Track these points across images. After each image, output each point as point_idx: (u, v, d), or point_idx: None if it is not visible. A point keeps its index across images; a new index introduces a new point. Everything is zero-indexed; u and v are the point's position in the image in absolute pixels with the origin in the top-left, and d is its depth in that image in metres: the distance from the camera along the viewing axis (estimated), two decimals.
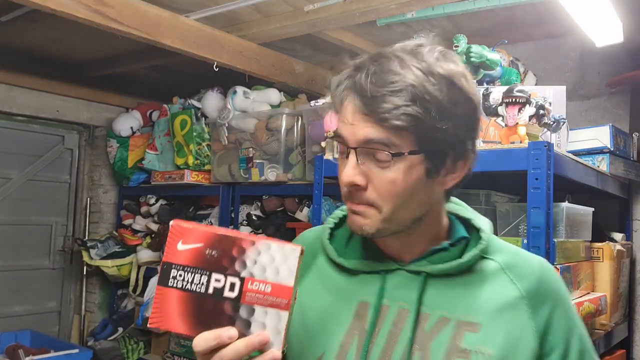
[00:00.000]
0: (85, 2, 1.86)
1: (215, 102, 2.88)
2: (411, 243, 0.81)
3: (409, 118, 0.70)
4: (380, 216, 0.75)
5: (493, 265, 0.80)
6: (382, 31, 2.42)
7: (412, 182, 0.74)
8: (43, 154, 3.43)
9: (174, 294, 0.66)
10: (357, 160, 0.74)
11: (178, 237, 0.67)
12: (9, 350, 2.81)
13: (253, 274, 0.65)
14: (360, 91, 0.72)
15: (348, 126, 0.74)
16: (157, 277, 0.67)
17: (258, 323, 0.64)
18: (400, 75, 0.71)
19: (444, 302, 0.77)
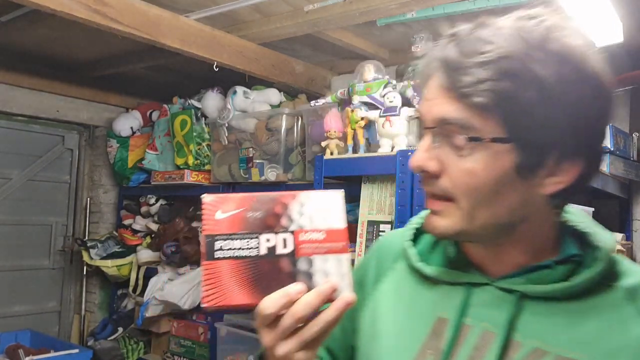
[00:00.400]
0: (85, 2, 1.86)
1: (215, 102, 2.88)
2: (501, 253, 0.67)
3: (496, 96, 0.57)
4: (460, 213, 0.63)
5: (614, 293, 0.62)
6: (382, 31, 2.42)
7: (495, 176, 0.60)
8: (43, 154, 3.43)
9: (224, 265, 0.62)
10: (432, 142, 0.63)
11: (215, 208, 0.63)
12: (9, 350, 2.81)
13: (302, 226, 0.63)
14: (446, 62, 0.61)
15: (426, 102, 0.64)
16: (201, 254, 0.63)
17: (320, 272, 0.62)
18: (495, 44, 0.58)
19: (542, 330, 0.62)
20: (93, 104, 3.53)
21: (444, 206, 0.64)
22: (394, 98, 1.89)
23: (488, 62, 0.57)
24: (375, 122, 1.93)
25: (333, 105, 2.20)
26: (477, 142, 0.59)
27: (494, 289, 0.67)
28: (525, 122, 0.58)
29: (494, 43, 0.58)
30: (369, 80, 2.02)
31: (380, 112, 1.90)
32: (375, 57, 2.57)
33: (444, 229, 0.65)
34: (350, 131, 1.99)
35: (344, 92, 2.13)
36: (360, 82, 2.04)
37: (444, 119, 0.61)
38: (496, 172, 0.60)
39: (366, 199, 1.97)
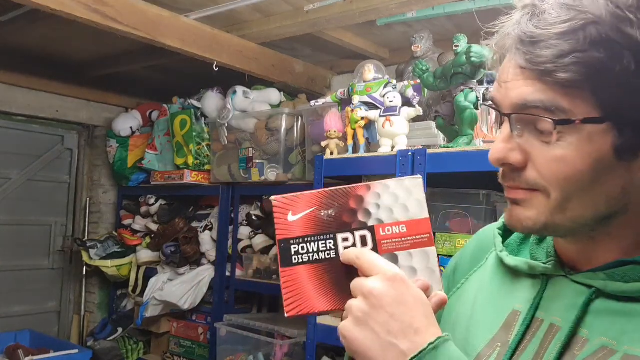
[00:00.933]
0: (84, 2, 1.85)
1: (215, 102, 2.88)
2: (594, 249, 0.60)
3: (584, 69, 0.50)
4: (549, 204, 0.56)
5: None
6: (382, 31, 2.41)
7: (591, 162, 0.53)
8: (43, 154, 3.43)
9: (303, 271, 0.58)
10: (512, 131, 0.56)
11: (286, 210, 0.60)
12: (8, 351, 2.81)
13: (381, 220, 0.58)
14: (521, 37, 0.53)
15: (501, 87, 0.57)
16: (278, 260, 0.59)
17: (407, 269, 0.58)
18: (577, 9, 0.51)
19: (612, 328, 0.56)
20: (93, 103, 3.53)
21: (529, 195, 0.57)
22: (394, 98, 1.89)
23: (572, 30, 0.50)
24: (375, 122, 1.93)
25: (333, 105, 2.20)
26: (567, 126, 0.52)
27: (569, 282, 0.61)
28: (622, 96, 0.51)
29: (576, 8, 0.51)
30: (369, 80, 2.02)
31: (380, 112, 1.90)
32: (375, 57, 2.57)
33: (530, 221, 0.58)
34: (350, 131, 1.99)
35: (344, 92, 2.13)
36: (360, 82, 2.04)
37: (524, 102, 0.54)
38: (592, 157, 0.53)
39: None
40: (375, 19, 2.14)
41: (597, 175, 0.54)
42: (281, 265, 0.59)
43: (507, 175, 0.58)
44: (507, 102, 0.56)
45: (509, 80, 0.56)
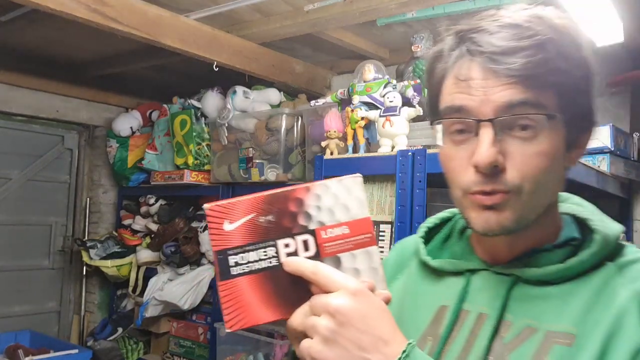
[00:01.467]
0: (84, 2, 1.85)
1: (215, 102, 2.88)
2: (519, 242, 0.68)
3: (559, 73, 0.59)
4: (521, 200, 0.61)
5: (606, 270, 0.63)
6: (382, 31, 2.42)
7: (555, 155, 0.62)
8: (43, 154, 3.43)
9: (243, 283, 0.55)
10: (496, 134, 0.60)
11: (221, 219, 0.56)
12: (8, 351, 2.81)
13: (323, 222, 0.57)
14: (490, 50, 0.59)
15: (475, 95, 0.61)
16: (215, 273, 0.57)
17: (350, 271, 0.57)
18: (533, 29, 0.59)
19: (532, 309, 0.64)
20: (93, 103, 3.53)
21: (503, 198, 0.62)
22: (394, 98, 1.89)
23: (541, 43, 0.59)
24: (375, 122, 1.93)
25: (333, 105, 2.20)
26: (540, 122, 0.60)
27: (490, 273, 0.69)
28: (573, 97, 0.62)
29: (532, 28, 0.60)
30: (369, 80, 2.02)
31: (380, 112, 1.90)
32: (375, 57, 2.57)
33: (508, 222, 0.62)
34: (350, 131, 1.99)
35: (344, 92, 2.13)
36: (360, 82, 2.04)
37: (511, 103, 0.59)
38: (557, 149, 0.62)
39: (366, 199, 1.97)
40: (375, 19, 2.14)
41: (555, 166, 0.63)
42: (219, 278, 0.56)
43: (489, 178, 0.61)
44: (489, 107, 0.60)
45: (486, 87, 0.60)
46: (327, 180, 0.58)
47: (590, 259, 0.63)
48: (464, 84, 0.62)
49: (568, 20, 0.63)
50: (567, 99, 0.61)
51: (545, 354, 0.60)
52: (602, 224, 0.67)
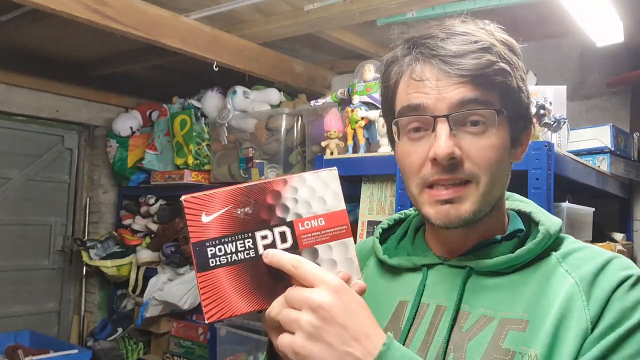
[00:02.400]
0: (84, 2, 1.85)
1: (215, 102, 2.88)
2: (472, 234, 0.73)
3: (504, 74, 0.66)
4: (479, 192, 0.67)
5: (550, 259, 0.69)
6: (382, 31, 2.41)
7: (503, 149, 0.69)
8: (42, 154, 3.43)
9: (222, 274, 0.56)
10: (451, 129, 0.66)
11: (199, 210, 0.56)
12: (8, 351, 2.81)
13: (300, 214, 0.58)
14: (442, 53, 0.66)
15: (430, 94, 0.67)
16: (194, 264, 0.56)
17: (327, 262, 0.58)
18: (478, 36, 0.67)
19: (487, 299, 0.69)
20: (93, 103, 3.53)
21: (463, 191, 0.67)
22: None
23: (487, 47, 0.66)
24: (375, 122, 1.93)
25: (333, 105, 2.20)
26: (489, 118, 0.67)
27: (446, 267, 0.73)
28: (514, 97, 0.69)
29: (477, 35, 0.67)
30: (369, 80, 2.02)
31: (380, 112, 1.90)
32: (375, 57, 2.57)
33: (466, 213, 0.67)
34: (350, 131, 1.99)
35: (344, 92, 2.13)
36: (360, 82, 2.04)
37: (465, 100, 0.66)
38: (504, 143, 0.69)
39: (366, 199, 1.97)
40: (375, 19, 2.14)
41: (505, 160, 0.70)
42: (197, 270, 0.56)
43: (449, 169, 0.66)
44: (444, 104, 0.66)
45: (440, 87, 0.66)
46: (304, 173, 0.59)
47: (536, 248, 0.69)
48: (419, 84, 0.68)
49: (506, 34, 0.72)
50: (509, 98, 0.68)
51: (502, 340, 0.64)
52: (544, 217, 0.73)
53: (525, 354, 0.62)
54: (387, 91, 0.74)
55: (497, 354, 0.64)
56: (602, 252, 0.69)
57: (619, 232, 2.19)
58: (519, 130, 0.72)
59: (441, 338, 0.68)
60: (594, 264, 0.66)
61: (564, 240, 0.73)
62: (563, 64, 2.45)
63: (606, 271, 0.65)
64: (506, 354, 0.63)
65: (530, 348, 0.62)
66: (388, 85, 0.73)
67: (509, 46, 0.70)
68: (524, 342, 0.63)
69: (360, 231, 1.97)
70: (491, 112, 0.66)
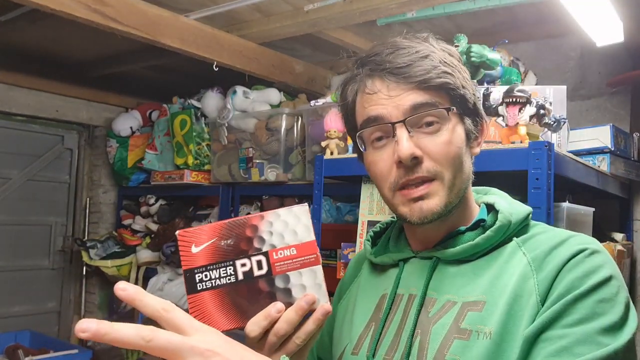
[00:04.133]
0: (84, 2, 1.85)
1: (215, 102, 2.88)
2: (444, 228, 0.79)
3: (447, 76, 0.73)
4: (445, 186, 0.74)
5: (511, 245, 0.75)
6: (383, 31, 2.41)
7: (460, 143, 0.75)
8: (42, 154, 3.43)
9: (207, 296, 0.65)
10: (409, 132, 0.73)
11: (189, 243, 0.66)
12: (8, 351, 2.81)
13: (274, 245, 0.65)
14: (389, 66, 0.73)
15: (385, 104, 0.74)
16: (185, 289, 0.66)
17: (297, 287, 0.65)
18: (418, 47, 0.74)
19: (452, 285, 0.75)
20: (93, 103, 3.53)
21: (430, 187, 0.73)
22: None
23: (426, 56, 0.73)
24: None
25: (333, 105, 2.20)
26: (443, 114, 0.73)
27: (418, 259, 0.80)
28: (461, 94, 0.75)
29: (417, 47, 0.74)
30: None
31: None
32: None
33: (437, 207, 0.73)
34: None
35: None
36: None
37: (416, 105, 0.73)
38: (460, 139, 0.75)
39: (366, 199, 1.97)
40: (375, 19, 2.14)
41: (463, 153, 0.75)
42: (187, 292, 0.65)
43: (412, 169, 0.73)
44: (398, 111, 0.73)
45: (392, 95, 0.73)
46: (278, 210, 0.67)
47: (496, 235, 0.74)
48: (373, 97, 0.75)
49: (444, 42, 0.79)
50: (456, 95, 0.75)
51: (461, 321, 0.70)
52: (508, 206, 0.78)
53: (481, 331, 0.67)
54: (346, 109, 0.81)
55: (457, 333, 0.69)
56: (563, 233, 0.73)
57: (619, 232, 2.19)
58: (472, 125, 0.78)
59: (410, 324, 0.74)
60: (550, 243, 0.71)
61: (531, 228, 0.78)
62: (563, 64, 2.45)
63: (560, 248, 0.69)
64: (464, 333, 0.69)
65: (486, 326, 0.67)
66: (346, 104, 0.80)
67: (448, 52, 0.77)
68: (480, 321, 0.68)
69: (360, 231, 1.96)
70: (441, 110, 0.73)
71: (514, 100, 1.51)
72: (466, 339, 0.68)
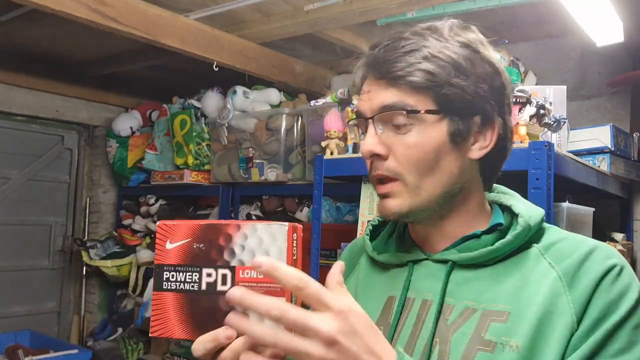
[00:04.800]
0: (84, 2, 1.85)
1: (215, 102, 2.88)
2: (447, 230, 0.76)
3: (423, 74, 0.69)
4: (408, 189, 0.71)
5: (532, 251, 0.71)
6: (383, 31, 2.41)
7: (434, 145, 0.70)
8: (42, 154, 3.43)
9: (169, 298, 0.62)
10: (375, 129, 0.72)
11: (166, 237, 0.63)
12: (8, 351, 2.81)
13: (243, 261, 0.60)
14: (375, 61, 0.72)
15: (364, 99, 0.74)
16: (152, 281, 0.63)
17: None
18: (413, 40, 0.71)
19: (470, 291, 0.71)
20: (92, 103, 3.53)
21: (391, 187, 0.72)
22: None
23: (411, 50, 0.69)
24: None
25: (333, 105, 2.20)
26: (415, 117, 0.70)
27: (430, 262, 0.76)
28: (448, 93, 0.69)
29: (413, 40, 0.71)
30: None
31: None
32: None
33: (397, 208, 0.72)
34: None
35: (344, 92, 2.12)
36: None
37: (384, 105, 0.71)
38: (435, 141, 0.70)
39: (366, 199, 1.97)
40: (375, 19, 2.14)
41: (440, 156, 0.71)
42: (154, 288, 0.63)
43: (374, 165, 0.72)
44: (369, 108, 0.72)
45: (370, 91, 0.72)
46: (257, 223, 0.61)
47: (516, 239, 0.70)
48: (362, 93, 0.75)
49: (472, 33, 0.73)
50: (443, 97, 0.69)
51: (484, 331, 0.66)
52: (525, 208, 0.74)
53: (506, 344, 0.64)
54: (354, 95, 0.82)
55: (480, 344, 0.66)
56: (584, 241, 0.70)
57: (619, 232, 2.19)
58: (466, 127, 0.71)
59: (427, 331, 0.70)
60: (577, 255, 0.67)
61: (546, 231, 0.74)
62: (563, 64, 2.45)
63: (589, 262, 0.66)
64: (488, 345, 0.65)
65: (512, 339, 0.64)
66: (355, 90, 0.81)
67: (461, 43, 0.71)
68: (506, 333, 0.65)
69: (360, 231, 1.96)
70: (411, 112, 0.69)
71: (514, 100, 1.51)
72: (490, 351, 0.65)
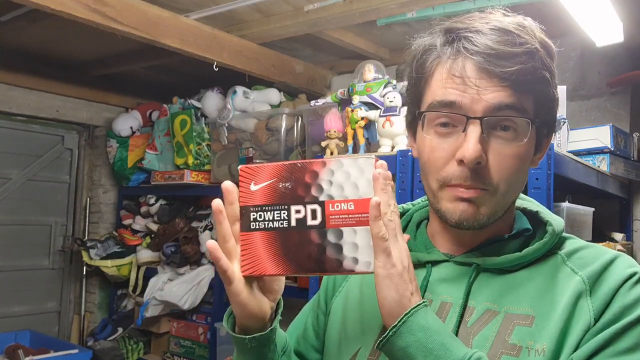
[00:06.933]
0: (84, 2, 1.85)
1: (215, 102, 2.88)
2: (482, 234, 0.72)
3: (544, 82, 0.65)
4: (496, 199, 0.67)
5: (556, 258, 0.70)
6: (383, 31, 2.42)
7: (527, 158, 0.68)
8: (43, 154, 3.43)
9: (258, 237, 0.63)
10: (483, 133, 0.64)
11: (249, 179, 0.64)
12: (8, 351, 2.81)
13: (332, 196, 0.61)
14: (486, 52, 0.63)
15: (468, 92, 0.64)
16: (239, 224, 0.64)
17: (349, 245, 0.61)
18: (522, 37, 0.64)
19: (491, 293, 0.69)
20: (93, 103, 3.53)
21: (478, 194, 0.66)
22: (394, 98, 1.89)
23: (532, 51, 0.64)
24: (375, 122, 1.93)
25: (333, 105, 2.20)
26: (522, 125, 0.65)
27: (452, 264, 0.73)
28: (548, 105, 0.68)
29: (523, 37, 0.64)
30: (369, 80, 2.02)
31: (381, 112, 1.90)
32: (375, 57, 2.57)
33: (482, 216, 0.67)
34: (350, 131, 1.99)
35: (344, 92, 2.13)
36: (361, 82, 2.04)
37: (502, 105, 0.64)
38: (530, 151, 0.68)
39: None
40: (375, 19, 2.14)
41: (526, 167, 0.69)
42: (241, 229, 0.64)
43: (470, 174, 0.65)
44: (479, 106, 0.64)
45: (480, 86, 0.64)
46: (342, 158, 0.63)
47: (543, 247, 0.69)
48: (457, 80, 0.65)
49: (545, 33, 0.69)
50: (543, 106, 0.67)
51: (508, 335, 0.64)
52: (550, 216, 0.73)
53: (532, 348, 0.62)
54: (419, 80, 0.70)
55: (504, 349, 0.64)
56: (606, 251, 0.69)
57: (619, 232, 2.19)
58: (542, 138, 0.71)
59: None
60: (600, 262, 0.66)
61: (566, 239, 0.73)
62: (563, 64, 2.45)
63: (612, 269, 0.66)
64: (513, 349, 0.63)
65: (537, 342, 0.63)
66: (421, 74, 0.70)
67: (548, 51, 0.67)
68: (531, 337, 0.63)
69: None
70: (525, 121, 0.65)
71: None
72: (515, 355, 0.63)
